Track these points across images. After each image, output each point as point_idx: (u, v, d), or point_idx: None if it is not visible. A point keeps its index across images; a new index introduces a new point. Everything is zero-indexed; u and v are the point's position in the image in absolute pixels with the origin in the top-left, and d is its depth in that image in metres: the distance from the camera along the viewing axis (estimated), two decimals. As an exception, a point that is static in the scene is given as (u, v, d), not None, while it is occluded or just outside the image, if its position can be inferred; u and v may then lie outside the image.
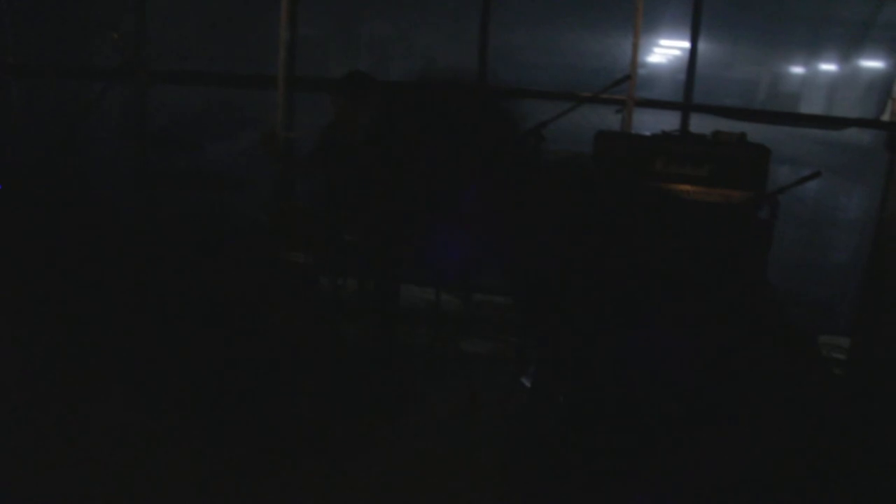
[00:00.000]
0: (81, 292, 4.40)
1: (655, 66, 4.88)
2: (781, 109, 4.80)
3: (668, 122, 4.61)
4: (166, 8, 5.52)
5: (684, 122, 4.57)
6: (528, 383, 3.94)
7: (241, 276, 4.02)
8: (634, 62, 4.35)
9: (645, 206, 1.42)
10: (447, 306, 4.63)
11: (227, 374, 3.62)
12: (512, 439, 3.38)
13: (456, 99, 1.44)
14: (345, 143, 4.13)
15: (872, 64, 4.66)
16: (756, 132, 4.48)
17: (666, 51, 4.85)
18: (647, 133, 4.08)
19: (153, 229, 4.86)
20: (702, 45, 4.71)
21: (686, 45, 4.69)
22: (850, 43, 4.69)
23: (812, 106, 4.89)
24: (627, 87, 4.38)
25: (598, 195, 1.42)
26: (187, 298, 4.07)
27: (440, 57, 5.29)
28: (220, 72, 5.32)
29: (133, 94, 5.45)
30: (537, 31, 5.01)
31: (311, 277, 3.94)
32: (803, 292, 4.78)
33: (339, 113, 4.16)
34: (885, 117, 4.55)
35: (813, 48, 4.83)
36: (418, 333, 4.31)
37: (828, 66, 4.85)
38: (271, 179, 4.99)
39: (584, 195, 1.41)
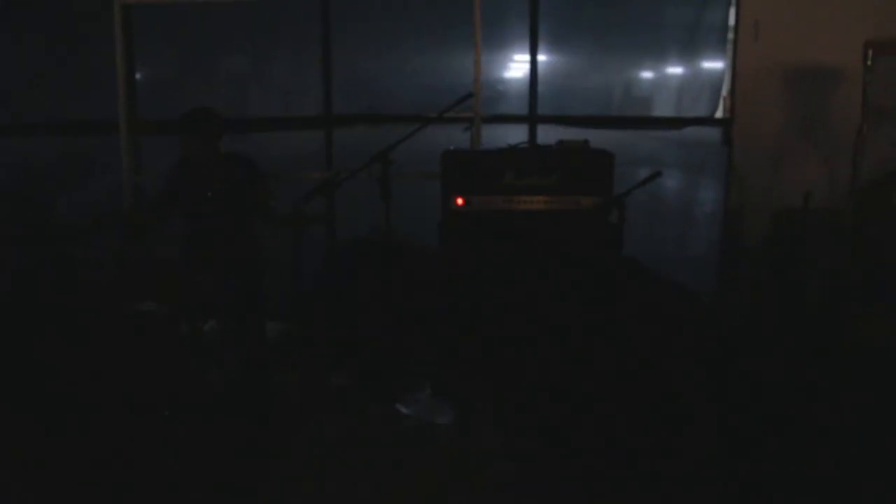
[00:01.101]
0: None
1: (509, 82, 4.97)
2: (635, 113, 4.97)
3: (522, 135, 4.70)
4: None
5: (531, 133, 4.65)
6: (405, 410, 3.90)
7: (94, 332, 3.82)
8: (477, 79, 4.41)
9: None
10: (313, 339, 4.51)
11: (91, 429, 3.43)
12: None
13: None
14: (197, 182, 4.01)
15: (706, 65, 4.88)
16: (611, 138, 4.60)
17: (519, 66, 4.94)
18: (494, 148, 4.12)
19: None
20: (550, 58, 4.82)
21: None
22: (684, 46, 4.90)
23: (661, 107, 5.10)
24: (474, 104, 4.41)
25: None
26: (38, 361, 3.84)
27: (291, 88, 5.24)
28: (58, 121, 5.10)
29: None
30: (384, 57, 5.03)
31: (166, 325, 3.78)
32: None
33: (185, 150, 4.03)
34: (719, 114, 4.77)
35: (652, 53, 5.04)
36: (287, 370, 4.20)
37: (667, 70, 5.05)
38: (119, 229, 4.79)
39: None
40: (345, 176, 3.86)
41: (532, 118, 4.71)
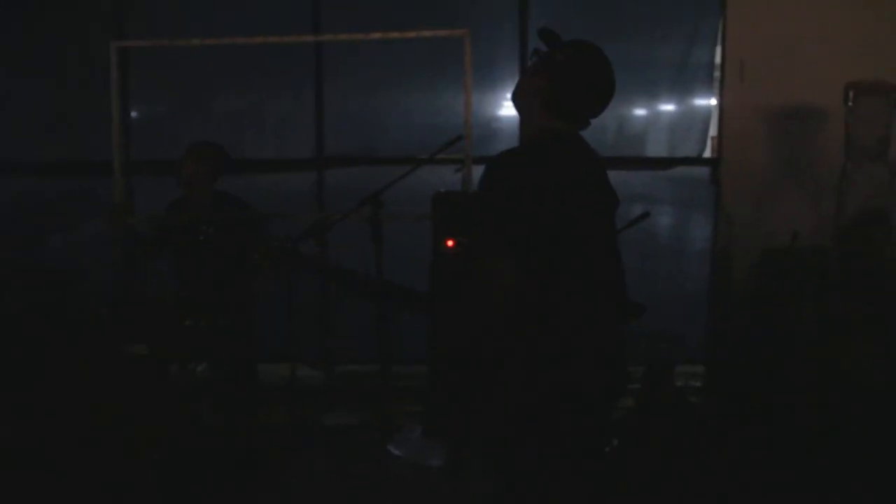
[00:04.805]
0: None
1: (502, 120, 5.03)
2: (628, 150, 5.02)
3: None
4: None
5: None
6: (396, 451, 3.90)
7: (85, 374, 3.82)
8: (468, 121, 4.44)
9: None
10: (308, 381, 4.53)
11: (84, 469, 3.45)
12: None
13: None
14: (190, 223, 4.02)
15: (696, 102, 4.95)
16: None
17: (504, 102, 4.99)
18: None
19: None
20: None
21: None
22: (673, 84, 4.98)
23: (653, 144, 5.15)
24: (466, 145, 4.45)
25: None
26: (31, 401, 3.85)
27: (284, 129, 5.30)
28: (54, 161, 5.15)
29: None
30: (376, 97, 5.09)
31: (158, 367, 3.79)
32: (659, 324, 4.95)
33: (185, 183, 4.05)
34: (707, 153, 4.83)
35: (644, 91, 5.10)
36: (279, 411, 4.20)
37: (659, 107, 5.12)
38: (112, 269, 4.81)
39: None
40: (336, 218, 3.89)
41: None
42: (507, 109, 4.99)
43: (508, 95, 4.87)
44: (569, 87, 2.16)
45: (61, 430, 3.69)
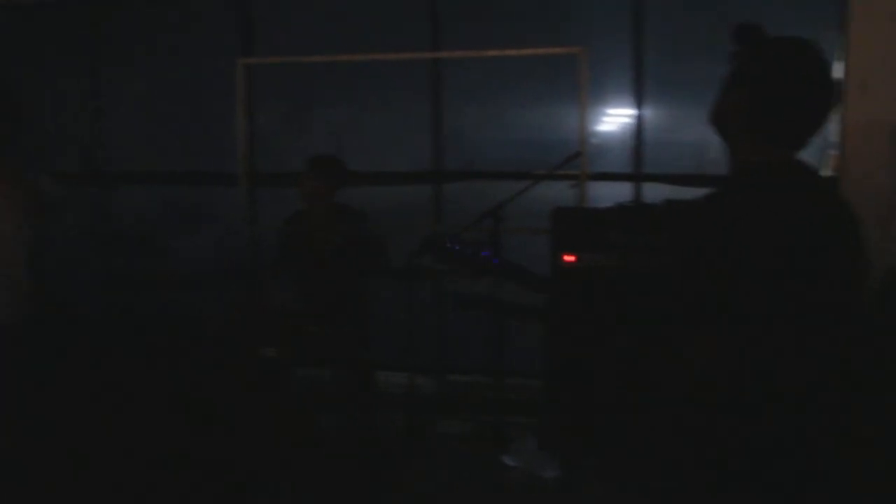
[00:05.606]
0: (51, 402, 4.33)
1: (608, 135, 5.04)
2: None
3: (618, 192, 4.74)
4: (127, 111, 5.66)
5: (637, 192, 4.71)
6: (511, 461, 3.97)
7: (214, 376, 4.02)
8: (583, 138, 4.50)
9: None
10: (422, 389, 4.64)
11: (207, 474, 3.60)
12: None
13: None
14: (314, 235, 4.18)
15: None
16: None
17: (617, 119, 5.01)
18: (603, 206, 4.19)
19: (120, 333, 4.83)
20: (648, 112, 4.88)
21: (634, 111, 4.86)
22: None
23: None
24: (580, 161, 4.49)
25: None
26: (160, 402, 4.05)
27: (396, 142, 5.44)
28: (179, 171, 5.43)
29: (94, 197, 5.54)
30: (489, 110, 5.19)
31: (285, 370, 3.96)
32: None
33: (307, 193, 4.21)
34: (827, 172, 4.73)
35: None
36: (395, 418, 4.32)
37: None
38: (237, 275, 5.03)
39: None
40: (458, 231, 3.99)
41: (638, 176, 4.77)
42: (620, 126, 5.00)
43: (612, 111, 4.80)
44: (776, 99, 1.68)
45: (186, 429, 3.87)
